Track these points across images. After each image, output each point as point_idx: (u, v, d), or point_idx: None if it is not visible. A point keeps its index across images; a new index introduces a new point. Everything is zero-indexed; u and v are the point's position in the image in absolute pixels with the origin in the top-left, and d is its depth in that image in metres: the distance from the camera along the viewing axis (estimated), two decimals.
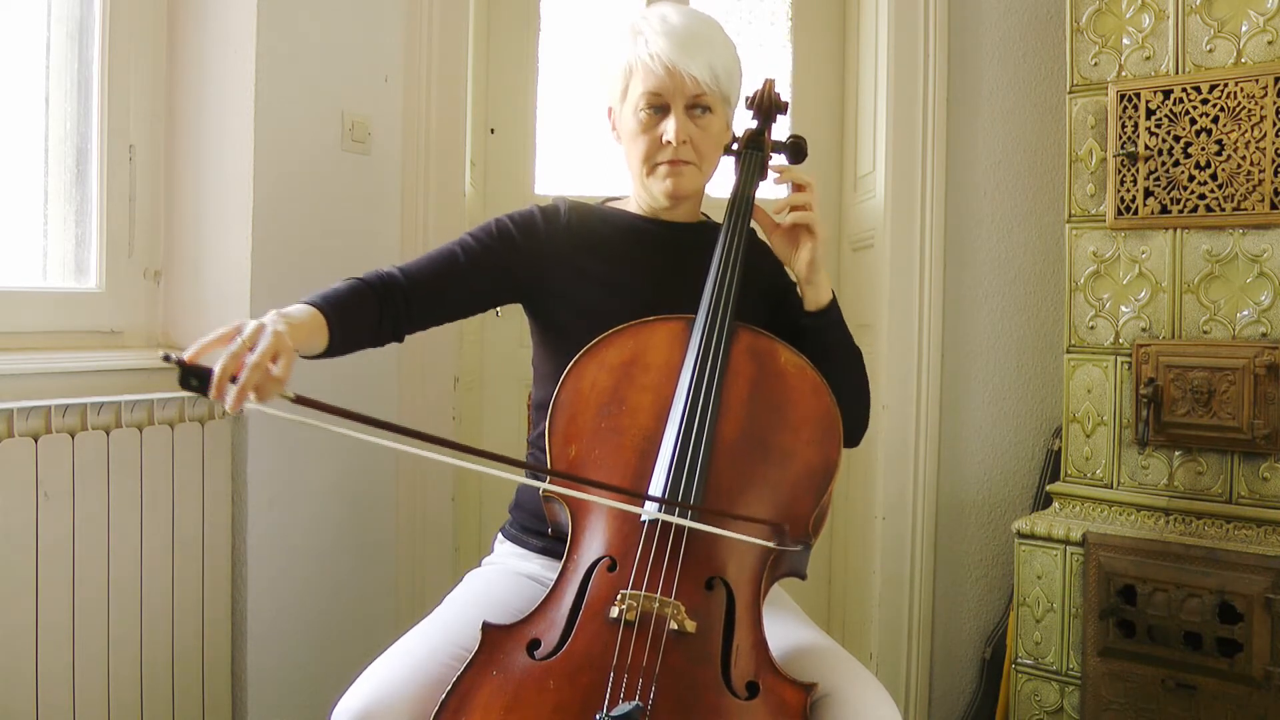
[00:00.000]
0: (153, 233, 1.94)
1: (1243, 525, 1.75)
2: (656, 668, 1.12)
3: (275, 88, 1.91)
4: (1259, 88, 1.72)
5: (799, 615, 1.44)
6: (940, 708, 2.40)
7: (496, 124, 2.71)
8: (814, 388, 1.34)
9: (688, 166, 1.45)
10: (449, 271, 1.44)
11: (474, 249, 1.46)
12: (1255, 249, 1.75)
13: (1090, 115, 1.91)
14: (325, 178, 2.05)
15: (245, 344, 1.10)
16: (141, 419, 1.74)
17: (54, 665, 1.58)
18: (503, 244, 1.47)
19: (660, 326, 1.37)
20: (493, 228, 1.49)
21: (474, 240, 1.47)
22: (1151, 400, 1.80)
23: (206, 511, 1.84)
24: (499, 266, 1.47)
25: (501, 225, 1.49)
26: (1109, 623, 1.80)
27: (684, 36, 1.40)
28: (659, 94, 1.41)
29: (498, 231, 1.48)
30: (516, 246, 1.47)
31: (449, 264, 1.45)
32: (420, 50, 2.26)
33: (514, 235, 1.48)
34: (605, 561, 1.22)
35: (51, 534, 1.58)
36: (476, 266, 1.45)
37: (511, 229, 1.49)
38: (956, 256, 2.37)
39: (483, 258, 1.46)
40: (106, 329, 1.86)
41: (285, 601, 1.99)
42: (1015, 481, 2.34)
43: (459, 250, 1.46)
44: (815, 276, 1.45)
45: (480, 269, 1.46)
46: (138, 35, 1.89)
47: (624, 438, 1.28)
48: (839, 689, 1.22)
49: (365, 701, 1.18)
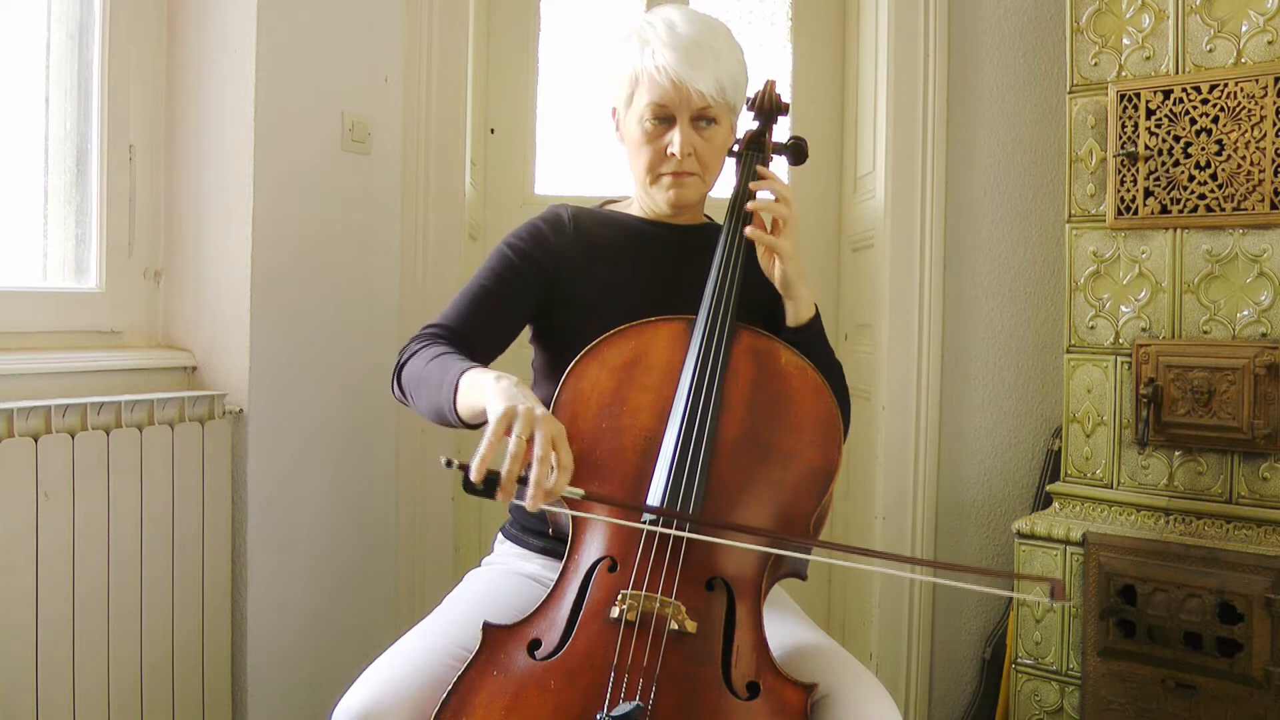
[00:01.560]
0: (153, 233, 1.94)
1: (1243, 525, 1.75)
2: (657, 668, 1.12)
3: (275, 88, 1.91)
4: (1259, 88, 1.72)
5: (799, 615, 1.44)
6: (940, 708, 2.40)
7: (496, 124, 2.71)
8: (815, 389, 1.34)
9: (691, 178, 1.45)
10: (494, 311, 1.45)
11: (506, 278, 1.46)
12: (1255, 249, 1.75)
13: (1090, 115, 1.91)
14: (325, 178, 2.05)
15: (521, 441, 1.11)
16: (141, 419, 1.74)
17: (54, 665, 1.58)
18: (527, 265, 1.47)
19: (661, 327, 1.37)
20: (510, 255, 1.48)
21: (499, 273, 1.46)
22: (1151, 400, 1.80)
23: (206, 511, 1.84)
24: (532, 288, 1.47)
25: (517, 249, 1.48)
26: (1109, 623, 1.81)
27: (691, 49, 1.39)
28: (664, 105, 1.41)
29: (516, 256, 1.47)
30: (536, 263, 1.47)
31: (490, 302, 1.45)
32: (420, 50, 2.26)
33: (531, 253, 1.48)
34: (606, 562, 1.22)
35: (51, 534, 1.58)
36: (515, 296, 1.46)
37: (527, 248, 1.48)
38: (956, 256, 2.37)
39: (516, 286, 1.46)
40: (106, 329, 1.86)
41: (285, 601, 1.99)
42: (1015, 481, 2.34)
43: (490, 286, 1.45)
44: (792, 292, 1.43)
45: (518, 297, 1.46)
46: (138, 35, 1.89)
47: (625, 438, 1.28)
48: (839, 689, 1.23)
49: (366, 701, 1.18)
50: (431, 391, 1.31)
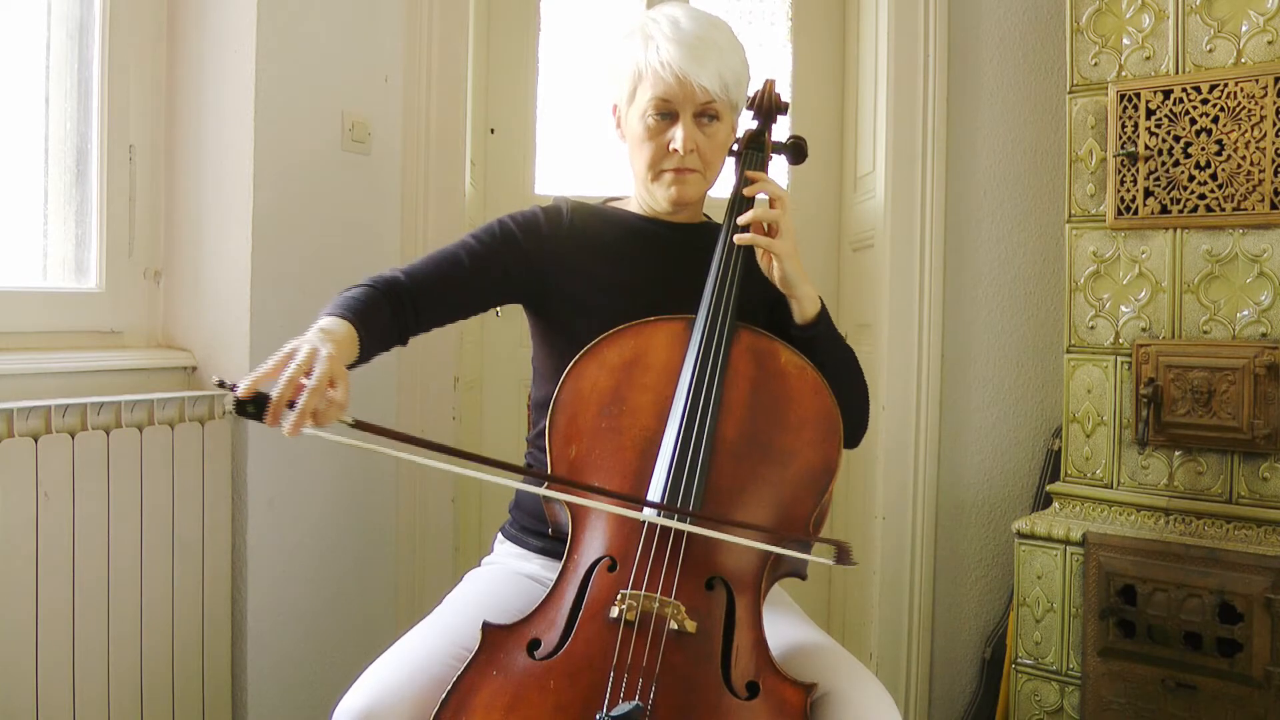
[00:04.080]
0: (153, 233, 1.94)
1: (1243, 525, 1.75)
2: (657, 668, 1.12)
3: (275, 87, 1.91)
4: (1259, 88, 1.72)
5: (799, 614, 1.44)
6: (940, 708, 2.40)
7: (496, 124, 2.71)
8: (814, 388, 1.34)
9: (693, 174, 1.45)
10: (453, 273, 1.44)
11: (477, 250, 1.45)
12: (1255, 249, 1.75)
13: (1090, 115, 1.91)
14: (325, 178, 2.05)
15: (300, 369, 1.09)
16: (141, 419, 1.74)
17: (54, 665, 1.58)
18: (505, 244, 1.47)
19: (661, 326, 1.37)
20: (495, 228, 1.49)
21: (476, 241, 1.47)
22: (1151, 400, 1.80)
23: (206, 511, 1.84)
24: (502, 267, 1.46)
25: (504, 226, 1.49)
26: (1109, 623, 1.81)
27: (695, 45, 1.39)
28: (668, 101, 1.41)
29: (500, 232, 1.48)
30: (519, 247, 1.47)
31: (452, 265, 1.44)
32: (420, 50, 2.26)
33: (516, 235, 1.48)
34: (605, 561, 1.22)
35: (51, 534, 1.58)
36: (480, 267, 1.45)
37: (514, 229, 1.48)
38: (956, 256, 2.37)
39: (486, 259, 1.45)
40: (106, 329, 1.86)
41: (285, 601, 1.99)
42: (1015, 481, 2.34)
43: (462, 252, 1.45)
44: (794, 291, 1.42)
45: (483, 270, 1.45)
46: (138, 35, 1.88)
47: (624, 437, 1.28)
48: (839, 688, 1.23)
49: (366, 702, 1.18)
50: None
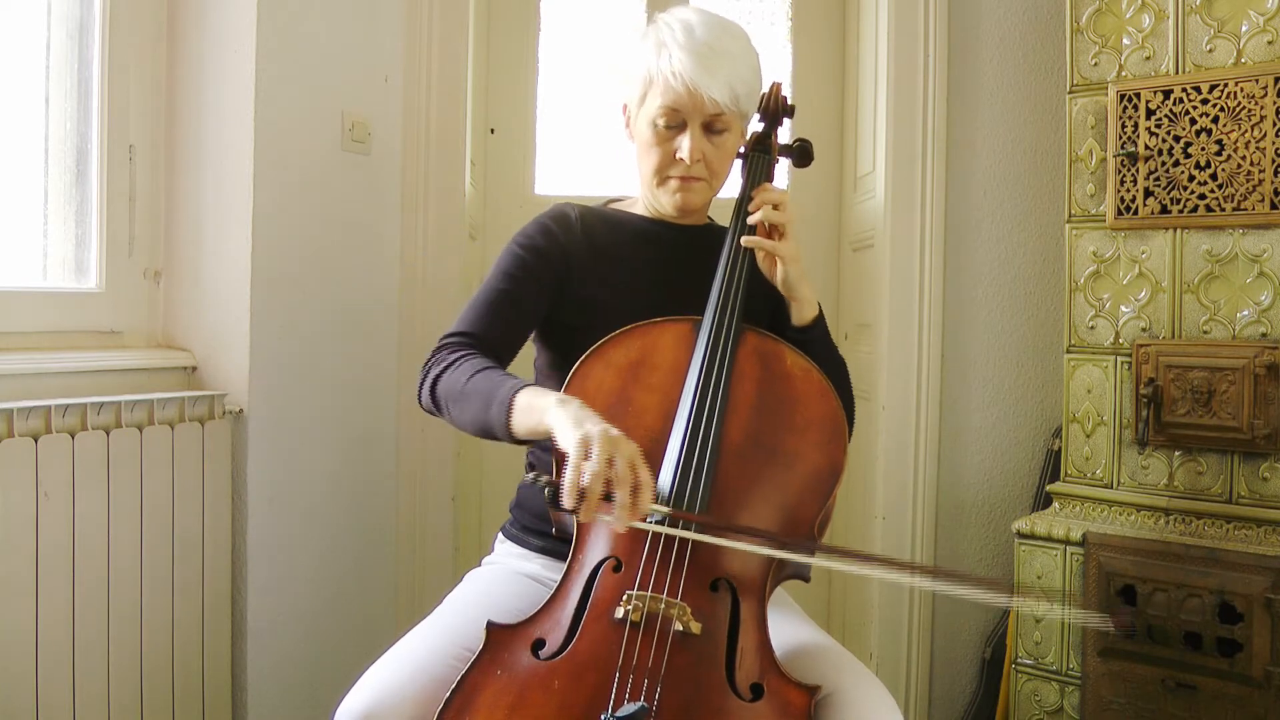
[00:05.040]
0: (153, 233, 1.93)
1: (1243, 525, 1.76)
2: (662, 669, 1.12)
3: (275, 87, 1.91)
4: (1259, 88, 1.73)
5: (800, 615, 1.44)
6: (940, 708, 2.40)
7: (496, 124, 2.71)
8: (820, 391, 1.34)
9: (699, 183, 1.45)
10: (513, 314, 1.43)
11: (520, 279, 1.44)
12: (1255, 249, 1.75)
13: (1090, 115, 1.91)
14: (325, 178, 2.05)
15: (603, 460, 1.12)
16: (141, 419, 1.74)
17: (54, 665, 1.58)
18: (541, 263, 1.46)
19: (667, 328, 1.37)
20: (522, 254, 1.46)
21: (513, 274, 1.45)
22: (1151, 400, 1.81)
23: (206, 511, 1.84)
24: (546, 286, 1.46)
25: (528, 247, 1.47)
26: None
27: (707, 55, 1.37)
28: (677, 110, 1.40)
29: (529, 255, 1.46)
30: (549, 259, 1.46)
31: (508, 306, 1.43)
32: (420, 50, 2.26)
33: (544, 250, 1.46)
34: (610, 562, 1.22)
35: (51, 534, 1.57)
36: (531, 297, 1.45)
37: (540, 246, 1.47)
38: (956, 256, 2.37)
39: (531, 285, 1.45)
40: (106, 329, 1.85)
41: (285, 601, 1.99)
42: (1015, 481, 2.35)
43: (506, 289, 1.44)
44: (795, 293, 1.43)
45: (534, 297, 1.45)
46: (138, 35, 1.88)
47: (630, 438, 1.28)
48: (841, 689, 1.23)
49: (368, 702, 1.18)
50: (477, 408, 1.29)
